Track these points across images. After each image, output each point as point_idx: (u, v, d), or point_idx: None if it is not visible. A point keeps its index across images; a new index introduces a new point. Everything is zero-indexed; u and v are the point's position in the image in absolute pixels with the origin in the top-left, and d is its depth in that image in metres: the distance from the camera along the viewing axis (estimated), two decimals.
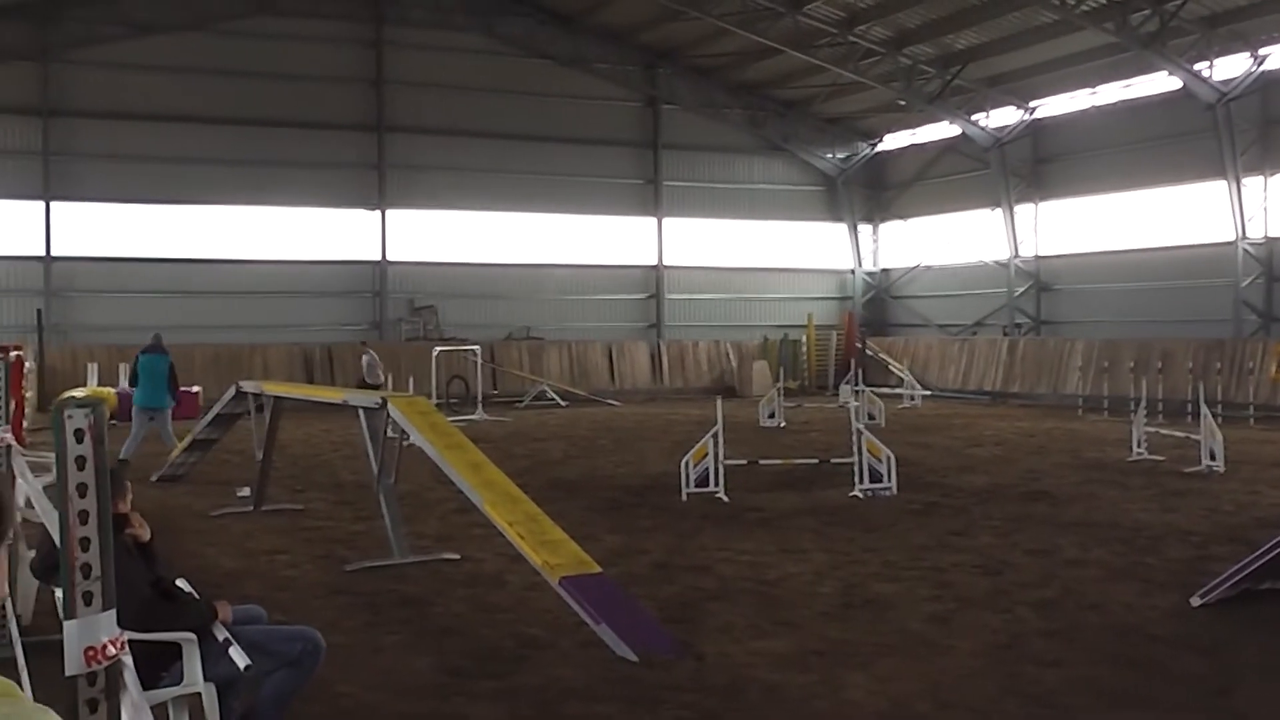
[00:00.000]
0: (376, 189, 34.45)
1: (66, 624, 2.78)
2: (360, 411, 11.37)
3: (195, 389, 27.36)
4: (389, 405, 10.58)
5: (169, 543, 11.29)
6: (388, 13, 34.19)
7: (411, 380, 27.10)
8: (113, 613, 2.81)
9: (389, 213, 34.62)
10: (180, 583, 5.91)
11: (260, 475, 13.58)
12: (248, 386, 14.50)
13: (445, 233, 35.33)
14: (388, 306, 34.72)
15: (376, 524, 11.43)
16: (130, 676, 2.91)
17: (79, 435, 2.76)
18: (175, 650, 5.24)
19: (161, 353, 17.64)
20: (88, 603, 2.78)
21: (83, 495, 2.77)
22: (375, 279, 34.67)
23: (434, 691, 6.98)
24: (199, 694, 5.23)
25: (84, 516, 2.77)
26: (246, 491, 13.91)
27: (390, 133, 34.48)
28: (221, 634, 5.32)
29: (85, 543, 2.77)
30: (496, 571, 10.18)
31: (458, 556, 10.84)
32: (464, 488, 9.38)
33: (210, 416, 15.47)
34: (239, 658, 5.04)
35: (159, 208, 32.27)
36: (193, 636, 5.23)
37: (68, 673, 2.77)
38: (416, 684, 7.13)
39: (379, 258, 34.58)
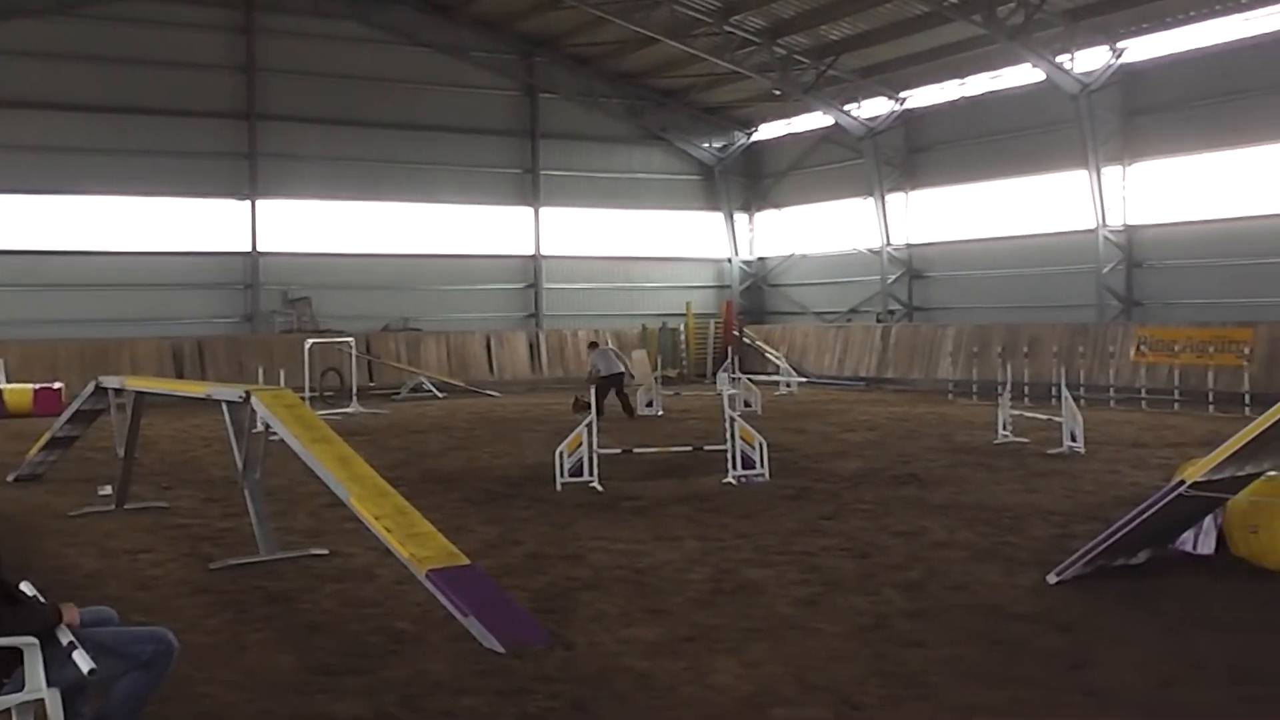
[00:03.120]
0: (248, 178, 33.73)
1: None
2: (223, 406, 11.10)
3: (57, 385, 26.55)
4: (252, 399, 10.34)
5: (26, 544, 10.96)
6: None
7: (283, 374, 26.58)
8: None
9: (261, 203, 33.92)
10: (24, 586, 5.70)
11: (123, 473, 13.17)
12: (108, 381, 14.05)
13: (320, 223, 34.76)
14: (260, 299, 34.02)
15: (245, 521, 11.15)
16: None
17: None
18: (18, 656, 5.05)
19: None
20: None
21: None
22: (247, 271, 33.94)
23: (297, 688, 6.85)
24: (44, 700, 5.06)
25: None
26: (108, 490, 13.47)
27: (262, 121, 33.76)
28: (66, 638, 5.13)
29: None
30: (366, 566, 10.03)
31: (326, 552, 10.65)
32: (330, 482, 9.21)
33: (69, 413, 14.99)
34: (83, 662, 4.88)
35: (20, 198, 31.18)
36: (35, 641, 5.05)
37: None
38: (280, 681, 7.00)
39: (250, 249, 33.86)
